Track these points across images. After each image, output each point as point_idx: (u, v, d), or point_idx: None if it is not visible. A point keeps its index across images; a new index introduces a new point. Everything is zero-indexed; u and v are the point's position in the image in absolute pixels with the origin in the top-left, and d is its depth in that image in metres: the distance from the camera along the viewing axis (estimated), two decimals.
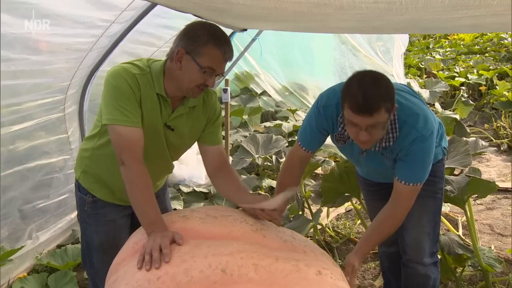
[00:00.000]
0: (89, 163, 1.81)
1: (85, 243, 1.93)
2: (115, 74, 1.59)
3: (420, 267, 2.03)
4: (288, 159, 2.01)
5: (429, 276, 2.05)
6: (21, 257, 2.77)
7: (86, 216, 1.86)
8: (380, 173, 2.05)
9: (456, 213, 3.64)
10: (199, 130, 1.80)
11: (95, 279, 1.95)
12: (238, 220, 1.61)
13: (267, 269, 1.38)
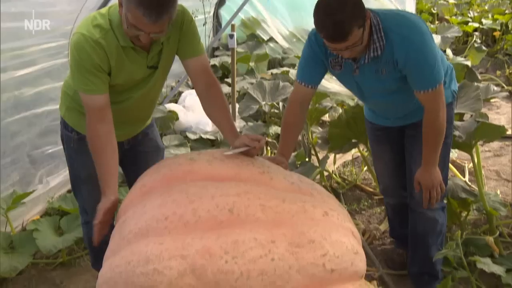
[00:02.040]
0: (73, 100, 1.84)
1: (72, 176, 2.02)
2: (77, 45, 1.59)
3: (428, 211, 2.04)
4: (290, 100, 2.00)
5: (436, 220, 2.07)
6: (33, 201, 2.84)
7: (73, 152, 1.92)
8: (382, 101, 2.01)
9: (463, 159, 3.63)
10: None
11: (83, 206, 2.07)
12: (245, 162, 1.60)
13: (274, 209, 1.39)
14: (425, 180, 1.91)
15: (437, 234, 2.10)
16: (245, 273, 1.24)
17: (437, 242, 2.12)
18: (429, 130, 1.83)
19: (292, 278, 1.26)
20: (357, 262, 1.42)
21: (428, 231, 2.10)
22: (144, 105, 1.90)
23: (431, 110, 1.79)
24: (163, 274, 1.25)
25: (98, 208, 1.61)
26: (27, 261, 2.33)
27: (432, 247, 2.09)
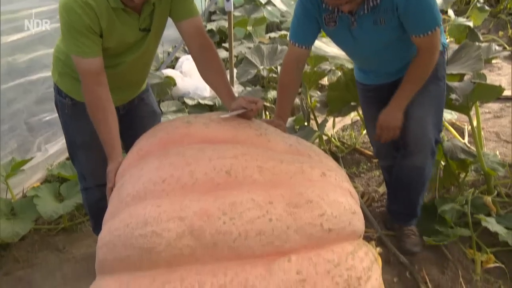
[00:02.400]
0: (65, 65, 1.80)
1: (69, 142, 2.00)
2: (66, 6, 1.54)
3: (420, 158, 2.03)
4: (285, 61, 1.98)
5: (424, 168, 2.06)
6: (33, 168, 2.85)
7: (68, 118, 1.90)
8: (377, 56, 1.99)
9: (463, 121, 3.61)
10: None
11: (81, 172, 2.06)
12: (242, 125, 1.59)
13: (271, 171, 1.38)
14: (384, 121, 1.92)
15: (422, 182, 2.12)
16: (243, 234, 1.24)
17: (422, 188, 2.15)
18: (416, 69, 1.83)
19: (290, 238, 1.27)
20: (355, 222, 1.43)
21: (413, 178, 2.11)
22: (138, 69, 1.87)
23: (427, 51, 1.79)
24: (161, 236, 1.25)
25: (108, 171, 1.60)
26: (28, 226, 2.36)
27: (415, 193, 2.12)
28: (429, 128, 2.00)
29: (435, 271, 2.13)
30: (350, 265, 1.31)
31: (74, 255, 2.42)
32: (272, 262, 1.25)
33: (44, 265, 2.34)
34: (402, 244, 2.22)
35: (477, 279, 2.00)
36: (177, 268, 1.26)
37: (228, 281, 1.21)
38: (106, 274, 1.40)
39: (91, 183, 2.04)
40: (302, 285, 1.23)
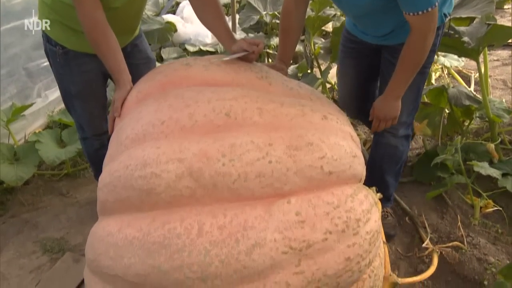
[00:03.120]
0: (52, 10, 1.72)
1: (63, 92, 1.96)
2: None
3: (392, 138, 1.97)
4: (284, 4, 1.87)
5: (398, 148, 2.00)
6: (34, 114, 2.83)
7: (60, 67, 1.84)
8: (361, 20, 1.89)
9: (470, 69, 3.54)
10: None
11: (78, 121, 2.04)
12: (243, 67, 1.55)
13: (271, 113, 1.36)
14: (380, 111, 1.80)
15: (395, 161, 2.04)
16: (243, 175, 1.23)
17: (395, 169, 2.06)
18: (410, 53, 1.66)
19: (290, 180, 1.27)
20: (355, 165, 1.42)
21: (386, 157, 2.04)
22: (130, 16, 1.80)
23: (418, 31, 1.61)
24: (160, 177, 1.25)
25: (114, 98, 1.54)
26: (32, 171, 2.38)
27: (388, 173, 2.04)
28: (403, 114, 1.90)
29: (434, 216, 2.15)
30: (349, 207, 1.31)
31: (78, 199, 2.46)
32: (271, 204, 1.25)
33: (49, 209, 2.38)
34: None
35: (475, 224, 2.03)
36: (177, 209, 1.26)
37: (228, 222, 1.21)
38: (107, 215, 1.42)
39: (89, 133, 2.02)
40: (301, 226, 1.23)
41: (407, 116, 1.95)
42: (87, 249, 1.41)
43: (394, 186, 2.11)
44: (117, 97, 1.54)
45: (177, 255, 1.18)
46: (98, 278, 1.35)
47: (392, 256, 1.98)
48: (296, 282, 1.21)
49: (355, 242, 1.30)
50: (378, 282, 1.47)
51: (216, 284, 1.18)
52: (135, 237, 1.25)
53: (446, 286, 1.81)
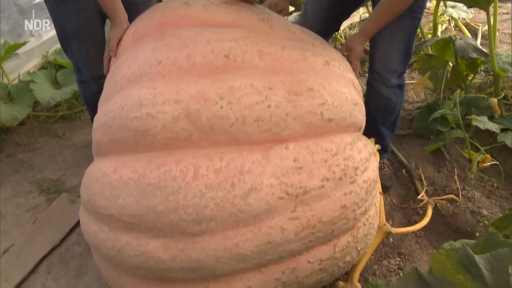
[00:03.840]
0: None
1: (59, 31, 1.88)
2: None
3: (384, 88, 1.92)
4: None
5: (391, 98, 1.95)
6: (28, 54, 2.76)
7: (55, 4, 1.76)
8: None
9: (477, 22, 3.44)
10: None
11: (75, 63, 1.98)
12: (244, 8, 1.49)
13: (272, 56, 1.31)
14: (350, 42, 1.68)
15: (389, 112, 1.99)
16: (241, 119, 1.21)
17: (389, 120, 2.03)
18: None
19: (289, 126, 1.24)
20: (356, 113, 1.39)
21: (380, 108, 1.99)
22: None
23: None
24: (156, 118, 1.22)
25: (110, 37, 1.49)
26: (26, 111, 2.34)
27: (382, 124, 2.01)
28: (394, 62, 1.85)
29: (431, 169, 2.15)
30: (348, 155, 1.30)
31: (74, 142, 2.44)
32: (269, 149, 1.23)
33: (45, 150, 2.36)
34: None
35: (471, 178, 2.03)
36: (173, 151, 1.24)
37: (224, 166, 1.20)
38: (103, 156, 1.40)
39: (86, 76, 1.97)
40: (298, 173, 1.22)
41: (399, 64, 1.88)
42: (82, 189, 1.40)
43: (390, 136, 2.09)
44: (112, 35, 1.49)
45: (172, 197, 1.17)
46: (93, 218, 1.35)
47: (387, 207, 1.99)
48: (291, 227, 1.22)
49: (352, 190, 1.30)
50: (372, 230, 1.48)
51: (211, 227, 1.18)
52: (130, 178, 1.23)
53: (438, 237, 1.84)
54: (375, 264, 1.73)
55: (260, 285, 1.29)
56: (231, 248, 1.19)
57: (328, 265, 1.35)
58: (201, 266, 1.21)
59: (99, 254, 1.39)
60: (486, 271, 1.19)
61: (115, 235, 1.28)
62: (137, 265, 1.25)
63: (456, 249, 1.24)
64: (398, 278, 1.33)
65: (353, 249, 1.40)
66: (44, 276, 1.73)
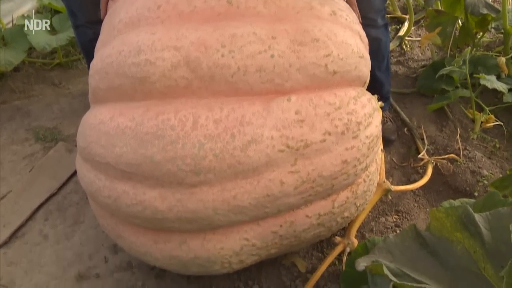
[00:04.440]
0: None
1: None
2: None
3: (373, 30, 1.88)
4: None
5: (381, 39, 1.94)
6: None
7: None
8: None
9: None
10: None
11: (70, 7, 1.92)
12: None
13: (277, 3, 1.25)
14: None
15: (382, 55, 1.99)
16: (242, 68, 1.16)
17: (383, 64, 2.01)
18: None
19: (292, 77, 1.20)
20: (361, 67, 1.34)
21: (373, 53, 1.93)
22: None
23: None
24: (155, 65, 1.18)
25: None
26: (21, 56, 2.27)
27: (378, 69, 1.99)
28: (378, 1, 1.85)
29: (433, 129, 2.12)
30: (351, 110, 1.26)
31: (70, 90, 2.39)
32: (271, 101, 1.20)
33: (41, 98, 2.32)
34: None
35: (474, 138, 2.01)
36: (171, 100, 1.21)
37: (224, 116, 1.16)
38: (99, 103, 1.36)
39: (81, 19, 1.89)
40: (300, 126, 1.19)
41: (381, 3, 1.88)
42: (79, 137, 1.38)
43: (388, 82, 2.08)
44: None
45: (170, 147, 1.15)
46: (90, 166, 1.33)
47: (387, 165, 1.98)
48: (290, 181, 1.20)
49: (354, 145, 1.27)
50: (372, 187, 1.47)
51: (209, 178, 1.16)
52: (128, 127, 1.20)
53: (436, 196, 1.83)
54: (373, 221, 1.74)
55: (257, 238, 1.29)
56: (229, 200, 1.18)
57: (326, 220, 1.35)
58: (199, 217, 1.20)
59: (96, 202, 1.38)
60: (484, 229, 1.18)
61: (111, 183, 1.26)
62: (133, 214, 1.24)
63: (456, 207, 1.23)
64: (396, 235, 1.33)
65: (352, 205, 1.39)
66: (41, 223, 1.73)
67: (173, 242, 1.29)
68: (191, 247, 1.28)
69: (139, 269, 1.57)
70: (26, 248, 1.65)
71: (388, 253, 1.29)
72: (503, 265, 0.90)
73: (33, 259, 1.62)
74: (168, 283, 1.53)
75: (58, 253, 1.63)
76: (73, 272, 1.56)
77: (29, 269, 1.58)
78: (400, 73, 2.55)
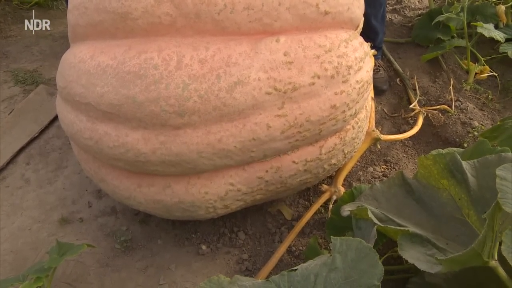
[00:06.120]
0: None
1: None
2: None
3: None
4: None
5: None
6: None
7: None
8: None
9: None
10: None
11: None
12: None
13: None
14: None
15: (379, 2, 1.93)
16: (229, 6, 1.10)
17: (379, 12, 1.96)
18: None
19: (281, 16, 1.14)
20: (354, 9, 1.28)
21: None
22: None
23: None
24: (137, 0, 1.11)
25: None
26: None
27: (373, 17, 1.94)
28: None
29: (426, 79, 2.08)
30: (342, 53, 1.21)
31: (51, 32, 2.29)
32: (258, 41, 1.14)
33: (20, 39, 2.22)
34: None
35: (467, 89, 1.97)
36: (155, 38, 1.15)
37: (210, 56, 1.11)
38: (79, 41, 1.30)
39: None
40: (288, 68, 1.14)
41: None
42: (58, 77, 1.32)
43: (382, 31, 2.03)
44: None
45: (153, 87, 1.10)
46: (70, 107, 1.28)
47: (377, 115, 1.95)
48: (277, 124, 1.16)
49: (343, 90, 1.23)
50: (361, 134, 1.44)
51: (194, 119, 1.12)
52: (109, 65, 1.15)
53: (426, 146, 1.82)
54: (360, 171, 1.72)
55: (243, 183, 1.27)
56: (214, 143, 1.15)
57: (313, 167, 1.32)
58: (182, 160, 1.17)
59: (77, 145, 1.34)
60: (471, 176, 1.17)
61: (93, 125, 1.22)
62: (116, 156, 1.21)
63: (444, 154, 1.22)
64: (382, 182, 1.32)
65: (340, 152, 1.37)
66: (23, 167, 1.69)
67: (156, 186, 1.27)
68: (175, 191, 1.26)
69: (123, 214, 1.56)
70: (8, 192, 1.62)
71: (374, 200, 1.29)
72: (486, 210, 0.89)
73: (15, 202, 1.59)
74: (152, 228, 1.52)
75: (41, 197, 1.60)
76: (56, 216, 1.55)
77: (11, 212, 1.56)
78: (396, 21, 2.48)
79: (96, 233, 1.49)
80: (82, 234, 1.49)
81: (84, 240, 1.46)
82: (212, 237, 1.50)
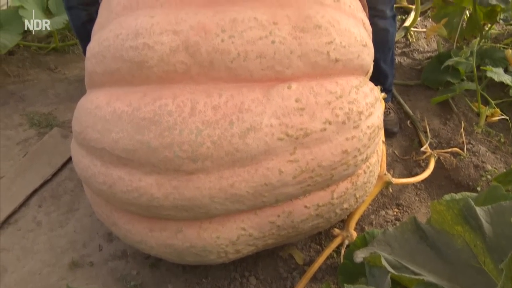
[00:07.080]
0: None
1: None
2: None
3: (381, 21, 1.87)
4: None
5: (389, 30, 1.92)
6: None
7: None
8: None
9: None
10: None
11: None
12: None
13: None
14: None
15: (388, 47, 1.97)
16: (242, 54, 1.13)
17: (389, 56, 2.00)
18: None
19: (293, 64, 1.16)
20: (364, 56, 1.31)
21: (379, 44, 1.89)
22: None
23: None
24: (153, 49, 1.15)
25: None
26: (16, 39, 2.21)
27: (383, 61, 1.97)
28: None
29: (437, 122, 2.09)
30: (353, 99, 1.23)
31: (66, 76, 2.35)
32: (271, 88, 1.17)
33: (36, 83, 2.28)
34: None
35: (478, 132, 1.97)
36: (169, 85, 1.17)
37: (223, 102, 1.13)
38: (96, 88, 1.33)
39: (74, 0, 1.85)
40: (300, 114, 1.16)
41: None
42: (74, 122, 1.34)
43: (392, 74, 2.06)
44: None
45: (167, 133, 1.12)
46: (85, 152, 1.30)
47: (388, 158, 1.95)
48: (289, 170, 1.17)
49: (355, 135, 1.24)
50: (372, 179, 1.44)
51: (207, 165, 1.13)
52: (124, 112, 1.17)
53: (438, 190, 1.80)
54: (372, 214, 1.71)
55: (254, 228, 1.27)
56: (226, 188, 1.15)
57: (325, 211, 1.32)
58: (195, 205, 1.17)
59: (91, 189, 1.35)
60: (486, 223, 1.15)
61: (107, 169, 1.23)
62: (129, 201, 1.21)
63: (457, 200, 1.20)
64: (395, 227, 1.30)
65: (352, 196, 1.36)
66: (35, 210, 1.71)
67: (168, 231, 1.26)
68: (186, 235, 1.25)
69: (133, 258, 1.55)
70: (19, 235, 1.62)
71: (387, 245, 1.27)
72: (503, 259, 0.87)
73: (26, 245, 1.59)
74: (163, 272, 1.51)
75: (52, 240, 1.61)
76: (66, 260, 1.54)
77: (22, 256, 1.55)
78: (405, 64, 2.51)
79: (106, 278, 1.48)
80: (92, 278, 1.48)
81: (94, 284, 1.45)
82: (223, 282, 1.48)
